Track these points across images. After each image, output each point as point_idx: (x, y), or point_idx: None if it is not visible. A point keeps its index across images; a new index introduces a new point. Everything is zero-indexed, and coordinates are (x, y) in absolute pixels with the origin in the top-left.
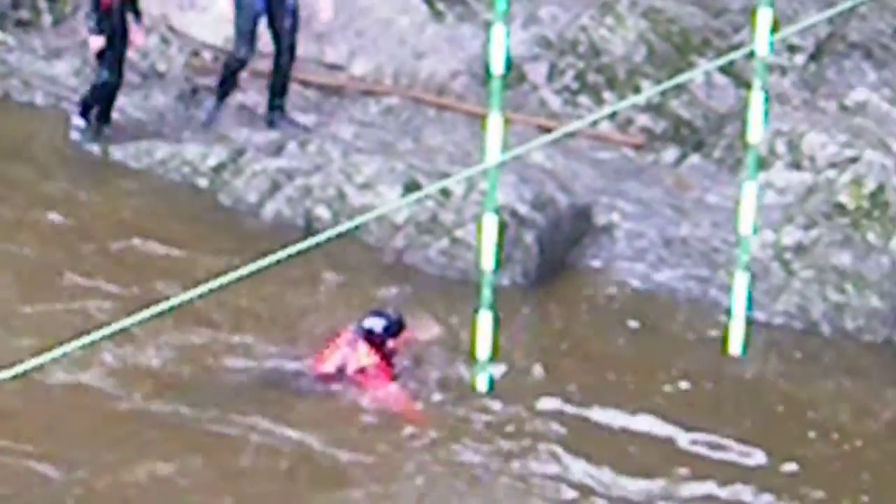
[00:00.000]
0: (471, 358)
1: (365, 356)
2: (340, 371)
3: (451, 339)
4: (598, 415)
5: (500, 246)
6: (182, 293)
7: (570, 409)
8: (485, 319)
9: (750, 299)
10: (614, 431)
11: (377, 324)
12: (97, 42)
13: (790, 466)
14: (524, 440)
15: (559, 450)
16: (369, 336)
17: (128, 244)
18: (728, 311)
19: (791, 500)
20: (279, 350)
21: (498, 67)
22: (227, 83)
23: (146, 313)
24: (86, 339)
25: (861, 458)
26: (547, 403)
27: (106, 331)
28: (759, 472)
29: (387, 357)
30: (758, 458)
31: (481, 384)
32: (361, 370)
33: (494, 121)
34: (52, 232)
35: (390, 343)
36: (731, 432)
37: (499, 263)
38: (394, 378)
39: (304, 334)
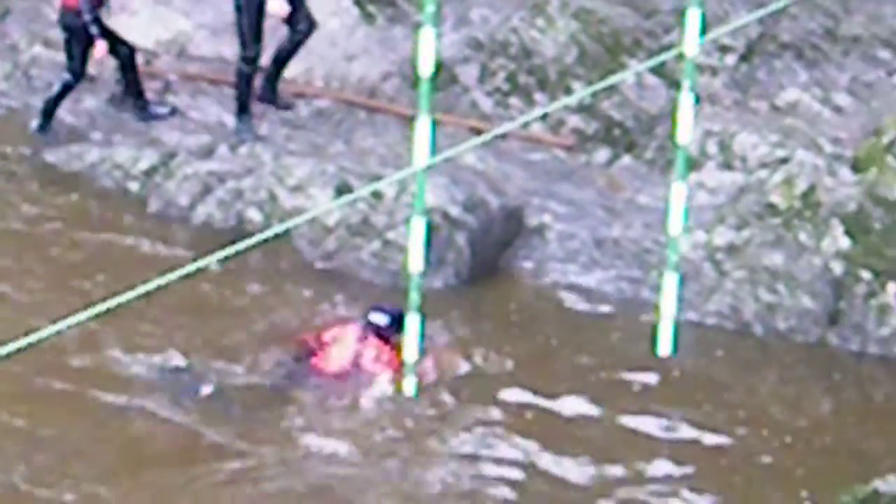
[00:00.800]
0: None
1: (377, 350)
2: (356, 366)
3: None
4: (525, 415)
5: (431, 248)
6: (115, 296)
7: (497, 410)
8: (412, 322)
9: (681, 300)
10: (542, 431)
11: (382, 319)
12: (103, 47)
13: (722, 460)
14: (454, 439)
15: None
16: (378, 331)
17: (59, 249)
18: (658, 312)
19: (720, 491)
20: (218, 354)
21: (426, 70)
22: (246, 92)
23: (80, 316)
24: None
25: (791, 452)
26: (477, 403)
27: (33, 337)
28: (683, 461)
29: (395, 350)
30: (685, 450)
31: (408, 387)
32: (378, 366)
33: (423, 123)
34: None
35: (395, 338)
36: (663, 429)
37: (431, 265)
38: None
39: (239, 337)
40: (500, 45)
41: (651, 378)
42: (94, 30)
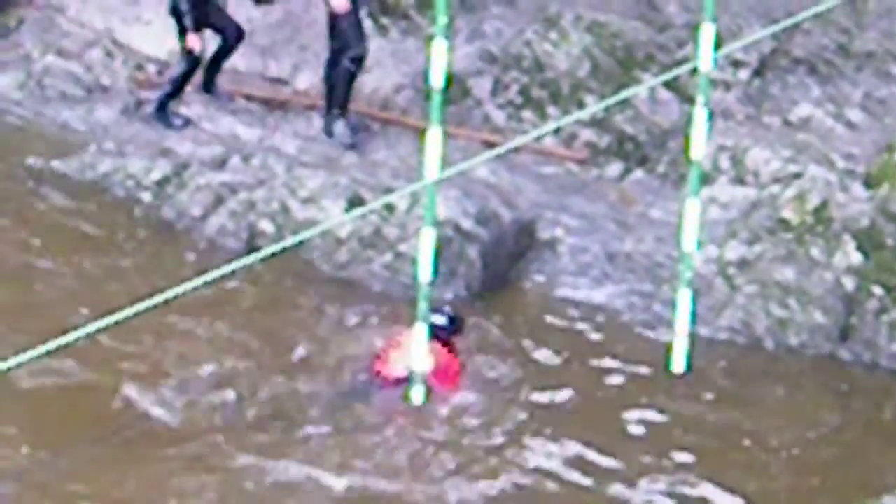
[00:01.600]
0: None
1: (438, 354)
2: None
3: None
4: (537, 430)
5: (443, 260)
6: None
7: (507, 424)
8: (420, 332)
9: (693, 315)
10: (551, 444)
11: (440, 320)
12: (196, 41)
13: (732, 473)
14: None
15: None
16: (438, 333)
17: (71, 258)
18: (671, 327)
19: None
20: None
21: (438, 82)
22: (348, 93)
23: (97, 324)
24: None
25: (800, 465)
26: (484, 418)
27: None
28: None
29: (451, 352)
30: (697, 465)
31: (417, 396)
32: (437, 371)
33: (434, 136)
34: None
35: (454, 339)
36: (672, 443)
37: (442, 277)
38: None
39: (252, 349)
40: (513, 58)
41: (661, 392)
42: (187, 21)
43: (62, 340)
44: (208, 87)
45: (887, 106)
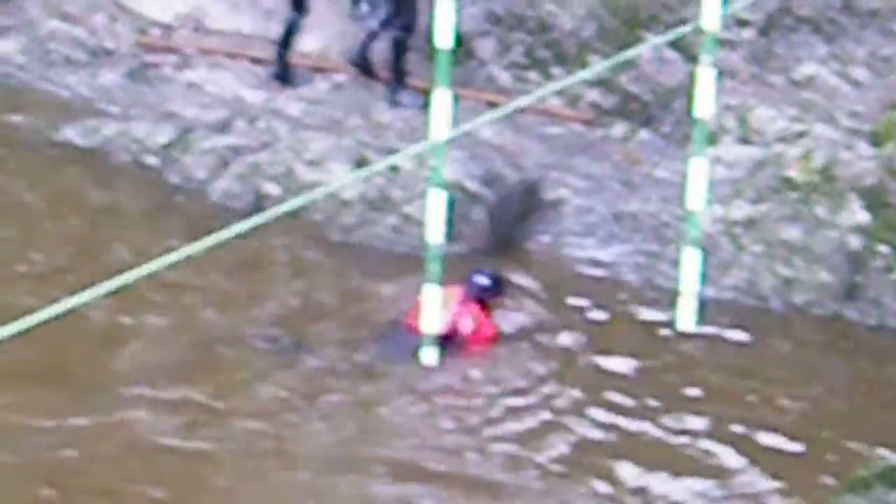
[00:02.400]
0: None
1: (474, 316)
2: (454, 330)
3: (401, 312)
4: (543, 390)
5: (449, 222)
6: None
7: (516, 384)
8: (431, 294)
9: (699, 274)
10: (559, 405)
11: (484, 280)
12: None
13: (736, 428)
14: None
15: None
16: (480, 294)
17: (77, 222)
18: (677, 286)
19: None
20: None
21: (444, 43)
22: (403, 61)
23: (101, 289)
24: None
25: (806, 423)
26: (496, 377)
27: (57, 308)
28: (704, 435)
29: (488, 315)
30: (704, 423)
31: (429, 358)
32: (475, 333)
33: (441, 97)
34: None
35: (493, 301)
36: (678, 399)
37: (448, 239)
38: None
39: (261, 311)
40: (517, 18)
41: (668, 350)
42: None
43: (70, 303)
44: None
45: (892, 64)
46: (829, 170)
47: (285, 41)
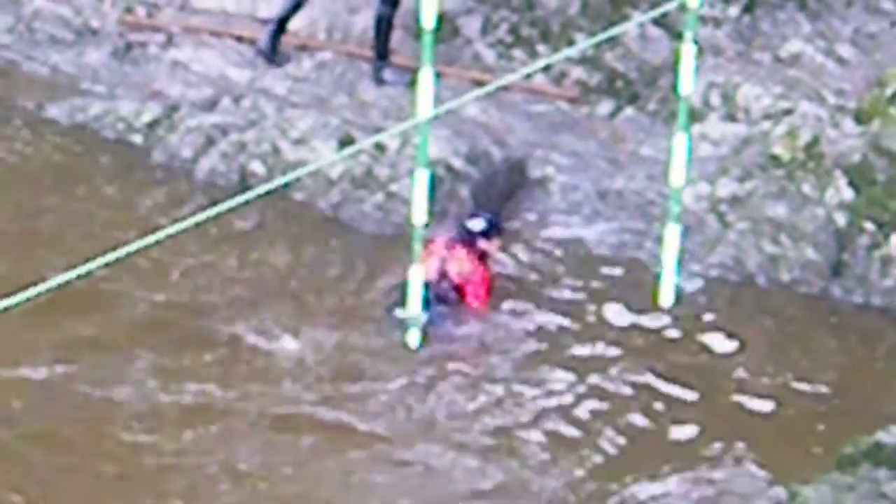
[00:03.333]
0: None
1: (463, 260)
2: (443, 276)
3: (386, 293)
4: (530, 367)
5: (434, 200)
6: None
7: (503, 362)
8: (416, 274)
9: (685, 252)
10: (546, 382)
11: (475, 224)
12: None
13: (722, 406)
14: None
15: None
16: (466, 237)
17: (63, 201)
18: (661, 264)
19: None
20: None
21: (429, 22)
22: (386, 38)
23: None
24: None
25: (792, 401)
26: (478, 356)
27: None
28: (689, 412)
29: (482, 259)
30: (690, 400)
31: (412, 340)
32: (470, 285)
33: (425, 75)
34: None
35: (482, 244)
36: (664, 377)
37: (433, 217)
38: (491, 281)
39: (244, 291)
40: None
41: (653, 328)
42: None
43: (60, 278)
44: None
45: (877, 41)
46: (815, 147)
47: (284, 22)
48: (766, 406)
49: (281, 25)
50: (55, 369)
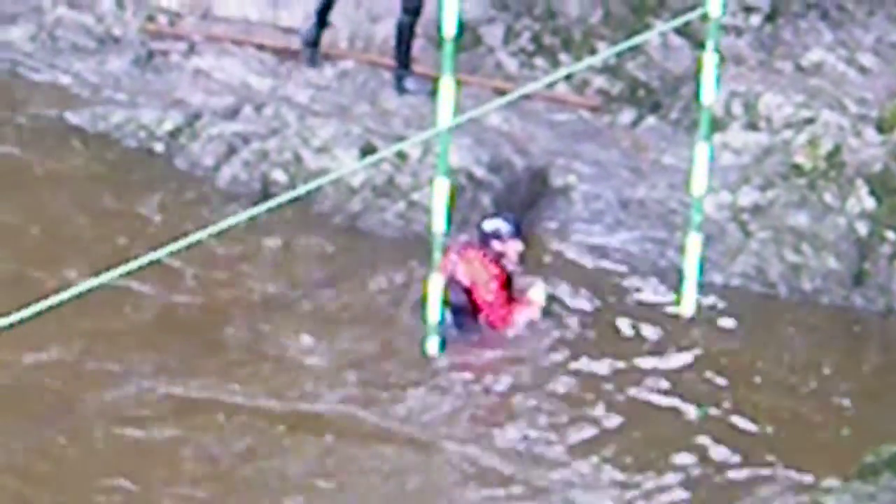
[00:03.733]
0: (422, 321)
1: (473, 261)
2: (452, 280)
3: (407, 301)
4: (551, 375)
5: (456, 208)
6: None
7: (523, 369)
8: (436, 283)
9: (706, 261)
10: (567, 390)
11: (488, 225)
12: None
13: (743, 414)
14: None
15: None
16: (482, 240)
17: (86, 208)
18: (682, 272)
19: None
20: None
21: (450, 30)
22: (408, 45)
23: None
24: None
25: (814, 410)
26: (499, 364)
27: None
28: (710, 421)
29: (497, 262)
30: (709, 407)
31: (432, 348)
32: (473, 284)
33: (446, 84)
34: (6, 199)
35: (497, 245)
36: (684, 388)
37: (455, 226)
38: (508, 283)
39: (265, 298)
40: (524, 5)
41: (674, 338)
42: None
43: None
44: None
45: None
46: (837, 156)
47: (324, 14)
48: (787, 415)
49: (321, 18)
50: (84, 362)
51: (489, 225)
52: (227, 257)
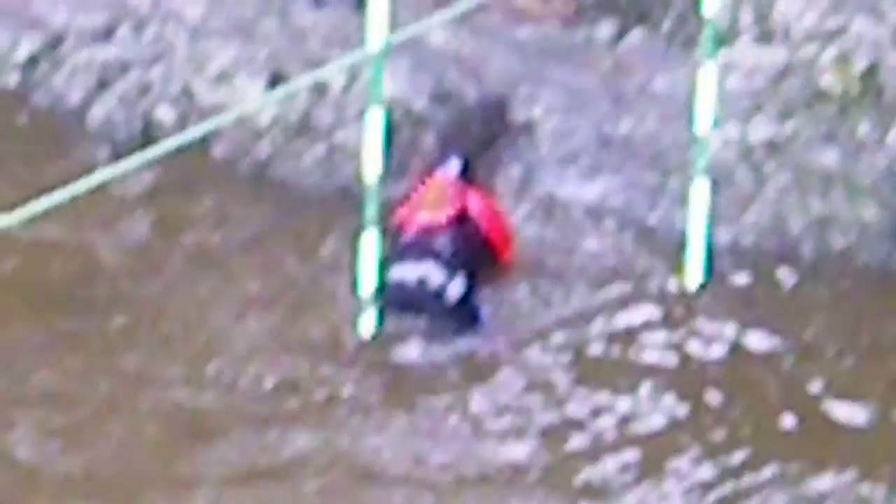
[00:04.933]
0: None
1: (476, 192)
2: (461, 218)
3: (331, 270)
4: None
5: (391, 151)
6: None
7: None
8: (369, 243)
9: (711, 213)
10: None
11: (453, 168)
12: None
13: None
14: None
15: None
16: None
17: None
18: (684, 229)
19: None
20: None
21: None
22: None
23: None
24: None
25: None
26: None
27: None
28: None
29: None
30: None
31: (366, 325)
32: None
33: None
34: None
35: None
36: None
37: (390, 174)
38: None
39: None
40: None
41: (675, 309)
42: None
43: None
44: None
45: None
46: (873, 77)
47: None
48: (820, 396)
49: None
50: None
51: (454, 167)
52: (101, 218)
